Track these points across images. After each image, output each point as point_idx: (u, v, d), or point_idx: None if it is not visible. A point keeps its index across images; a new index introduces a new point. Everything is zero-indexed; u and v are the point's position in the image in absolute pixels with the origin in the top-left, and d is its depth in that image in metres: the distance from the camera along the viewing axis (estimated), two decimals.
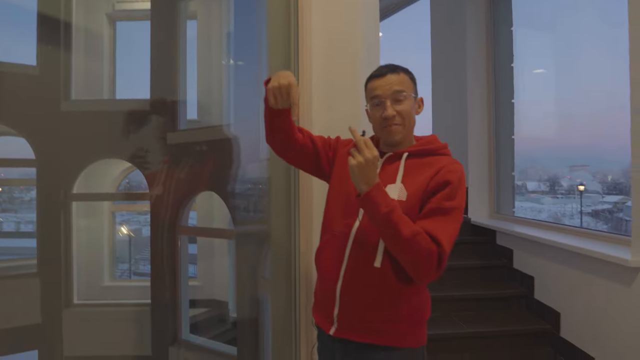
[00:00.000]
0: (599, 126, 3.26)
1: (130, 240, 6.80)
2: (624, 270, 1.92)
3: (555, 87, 3.71)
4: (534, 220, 3.00)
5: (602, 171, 6.00)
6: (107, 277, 4.10)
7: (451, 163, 1.17)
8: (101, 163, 3.59)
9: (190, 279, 3.86)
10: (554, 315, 2.45)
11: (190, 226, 3.80)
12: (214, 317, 4.01)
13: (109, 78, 3.92)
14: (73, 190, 3.37)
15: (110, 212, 4.14)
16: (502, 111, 3.42)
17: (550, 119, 3.72)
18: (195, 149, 3.39)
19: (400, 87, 1.19)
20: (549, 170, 6.27)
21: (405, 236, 1.04)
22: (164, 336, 3.36)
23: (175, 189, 3.43)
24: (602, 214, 8.17)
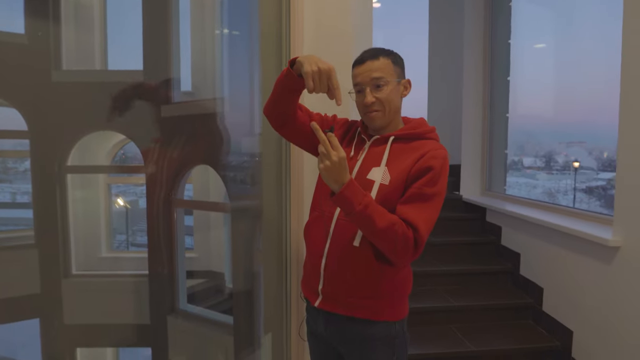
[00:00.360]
0: (596, 102, 3.26)
1: (127, 211, 6.82)
2: (604, 249, 1.98)
3: (554, 63, 3.67)
4: (524, 198, 3.05)
5: (598, 148, 6.02)
6: (105, 249, 4.14)
7: (435, 148, 1.18)
8: (95, 135, 3.56)
9: (187, 250, 3.91)
10: (538, 290, 2.54)
11: (186, 199, 3.81)
12: (211, 288, 4.08)
13: (100, 48, 3.84)
14: (67, 163, 3.36)
15: (106, 184, 4.14)
16: (497, 89, 3.40)
17: (548, 94, 3.70)
18: (190, 122, 3.36)
19: (379, 74, 1.19)
20: (545, 146, 6.27)
21: (381, 227, 1.07)
22: (162, 306, 3.44)
23: (170, 162, 3.42)
24: (596, 190, 8.26)
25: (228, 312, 3.26)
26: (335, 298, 1.23)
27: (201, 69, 3.62)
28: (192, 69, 3.61)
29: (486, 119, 3.41)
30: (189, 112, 3.42)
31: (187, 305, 3.51)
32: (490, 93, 3.41)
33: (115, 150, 4.08)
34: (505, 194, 3.29)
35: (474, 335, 2.34)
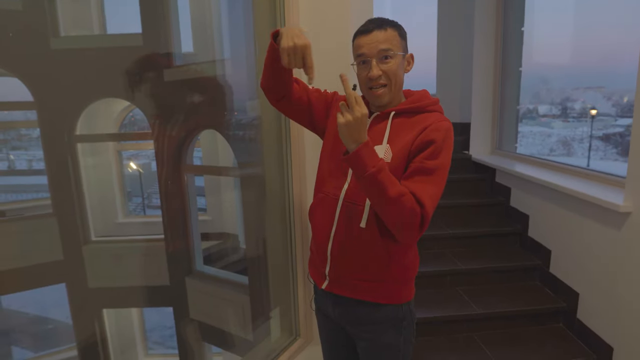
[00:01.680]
0: (615, 45, 3.09)
1: (140, 175, 6.93)
2: (614, 215, 1.93)
3: (570, 6, 3.45)
4: (534, 157, 2.95)
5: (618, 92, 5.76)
6: (121, 215, 4.24)
7: (438, 121, 1.13)
8: (101, 102, 3.54)
9: (201, 213, 3.99)
10: (545, 253, 2.52)
11: (195, 165, 3.84)
12: (226, 249, 4.20)
13: (98, 12, 3.72)
14: (76, 132, 3.38)
15: (116, 151, 4.18)
16: (510, 41, 3.20)
17: (564, 39, 3.50)
18: (194, 85, 3.30)
19: (387, 45, 1.13)
20: (561, 93, 6.03)
21: (390, 196, 1.03)
22: (180, 268, 3.57)
23: (177, 128, 3.41)
24: (613, 137, 8.05)
25: (243, 273, 3.38)
26: (342, 281, 1.23)
27: (202, 28, 3.49)
28: (192, 28, 3.49)
29: (498, 74, 3.24)
30: (192, 76, 3.35)
31: (204, 267, 3.63)
32: (503, 46, 3.22)
33: (122, 116, 4.07)
34: (516, 152, 3.21)
35: (481, 298, 2.36)
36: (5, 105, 3.44)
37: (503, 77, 3.24)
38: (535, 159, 2.94)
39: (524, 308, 2.29)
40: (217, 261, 3.97)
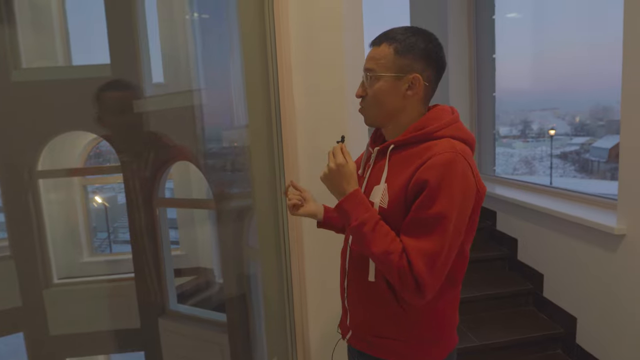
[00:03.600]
0: (568, 69, 3.28)
1: (106, 209, 6.64)
2: (609, 237, 1.97)
3: (531, 33, 3.66)
4: (515, 180, 3.04)
5: (570, 113, 6.12)
6: (87, 253, 4.01)
7: (437, 153, 0.93)
8: (66, 135, 3.38)
9: (173, 248, 3.82)
10: (538, 277, 2.54)
11: (168, 198, 3.70)
12: (200, 285, 4.03)
13: (62, 41, 3.59)
14: (38, 167, 3.19)
15: (82, 186, 3.97)
16: (483, 68, 3.34)
17: (525, 65, 3.69)
18: (165, 116, 3.21)
19: (370, 65, 1.01)
20: (521, 115, 6.34)
21: (374, 252, 0.93)
22: (152, 308, 3.36)
23: (149, 160, 3.29)
24: (570, 155, 8.50)
25: (220, 309, 3.22)
26: (361, 336, 1.11)
27: (173, 58, 3.43)
28: (162, 58, 3.42)
29: (474, 100, 3.36)
30: (163, 107, 3.27)
31: (178, 305, 3.45)
32: (477, 73, 3.35)
33: (88, 149, 3.90)
34: (495, 174, 3.29)
35: (477, 328, 2.33)
36: None
37: (479, 102, 3.35)
38: (515, 181, 3.01)
39: (523, 336, 2.28)
40: (192, 298, 3.78)
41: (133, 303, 3.34)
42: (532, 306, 2.56)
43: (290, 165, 1.56)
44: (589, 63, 2.74)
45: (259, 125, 1.25)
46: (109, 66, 3.14)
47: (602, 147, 6.49)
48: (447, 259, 0.95)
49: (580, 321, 2.20)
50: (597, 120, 5.47)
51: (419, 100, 1.04)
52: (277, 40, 1.45)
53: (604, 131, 6.00)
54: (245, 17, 1.58)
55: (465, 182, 0.93)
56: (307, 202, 1.24)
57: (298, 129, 1.45)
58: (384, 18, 5.96)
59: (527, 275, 2.61)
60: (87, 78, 3.24)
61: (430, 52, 1.01)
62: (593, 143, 7.34)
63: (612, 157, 5.49)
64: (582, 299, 2.17)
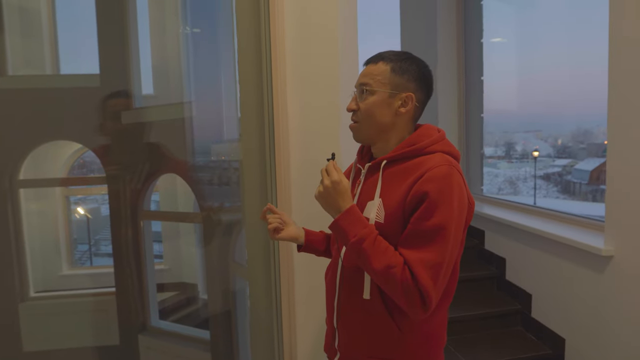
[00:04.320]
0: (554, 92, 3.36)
1: (88, 220, 6.47)
2: (596, 258, 1.98)
3: (516, 57, 3.76)
4: (504, 200, 3.07)
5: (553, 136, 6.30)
6: (66, 266, 3.89)
7: (435, 166, 0.95)
8: (50, 145, 3.31)
9: (157, 262, 3.74)
10: (526, 297, 2.54)
11: (153, 211, 3.64)
12: (183, 301, 3.94)
13: (51, 50, 3.55)
14: (19, 176, 3.11)
15: (64, 196, 3.87)
16: (472, 89, 3.41)
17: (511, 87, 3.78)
18: (153, 128, 3.18)
19: (366, 79, 1.04)
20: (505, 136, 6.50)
21: (376, 268, 0.92)
22: (132, 324, 3.26)
23: (134, 172, 3.24)
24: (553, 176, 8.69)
25: (203, 325, 3.14)
26: (352, 357, 1.08)
27: (163, 70, 3.42)
28: (153, 70, 3.41)
29: (462, 120, 3.42)
30: (152, 118, 3.23)
31: (160, 322, 3.35)
32: (466, 95, 3.42)
33: (72, 160, 3.83)
34: (483, 194, 3.32)
35: (466, 348, 2.30)
36: None
37: (467, 123, 3.41)
38: (504, 201, 3.04)
39: (511, 357, 2.26)
40: (174, 314, 3.69)
41: (113, 318, 3.23)
42: (520, 326, 2.55)
43: (282, 179, 1.55)
44: (572, 87, 2.84)
45: (252, 139, 1.25)
46: (98, 76, 3.11)
47: (584, 169, 6.63)
48: (447, 270, 0.96)
49: (568, 342, 2.20)
50: (578, 143, 5.59)
51: (409, 119, 1.07)
52: (272, 56, 1.45)
53: (585, 154, 6.13)
54: (242, 32, 1.58)
55: (460, 194, 0.96)
56: (288, 225, 1.20)
57: (291, 143, 1.45)
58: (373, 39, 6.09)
59: (515, 295, 2.61)
60: (75, 87, 3.20)
61: (423, 76, 1.06)
62: (575, 165, 7.50)
63: (593, 180, 5.61)
64: (571, 319, 2.17)
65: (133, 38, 3.13)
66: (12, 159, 3.09)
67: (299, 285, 1.63)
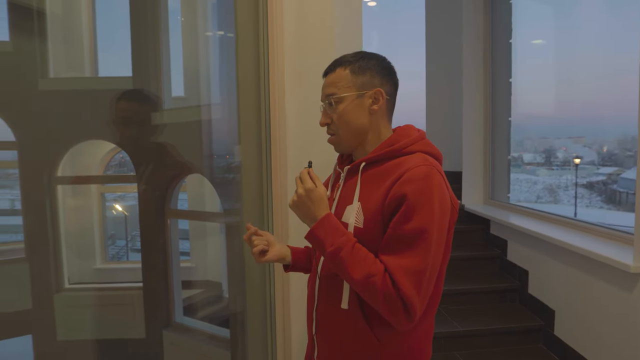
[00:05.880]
0: (595, 97, 3.18)
1: (126, 217, 6.77)
2: (625, 275, 1.84)
3: (553, 59, 3.58)
4: (529, 209, 2.91)
5: (598, 142, 5.95)
6: (99, 260, 4.07)
7: (412, 167, 0.92)
8: (86, 144, 3.47)
9: (183, 260, 3.83)
10: (549, 313, 2.40)
11: (180, 209, 3.74)
12: (208, 299, 4.02)
13: (90, 53, 3.74)
14: (57, 173, 3.28)
15: (99, 193, 4.06)
16: (499, 91, 3.27)
17: (547, 91, 3.61)
18: (181, 129, 3.28)
19: (331, 90, 1.02)
20: (545, 142, 6.23)
21: (355, 278, 0.88)
22: (158, 319, 3.36)
23: (162, 171, 3.35)
24: (597, 185, 8.22)
25: (225, 324, 3.18)
26: None
27: (193, 73, 3.52)
28: (184, 73, 3.51)
29: (488, 123, 3.28)
30: (180, 120, 3.34)
31: (184, 318, 3.43)
32: (492, 97, 3.28)
33: (107, 159, 4.00)
34: (509, 202, 3.17)
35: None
36: None
37: (493, 126, 3.27)
38: (530, 210, 2.89)
39: None
40: (198, 311, 3.77)
41: (140, 313, 3.34)
42: (542, 344, 2.41)
43: (278, 181, 1.55)
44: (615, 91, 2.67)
45: (250, 140, 1.25)
46: (130, 78, 3.24)
47: (631, 178, 6.22)
48: (432, 276, 0.91)
49: None
50: (625, 150, 5.26)
51: (382, 115, 1.04)
52: (269, 55, 1.46)
53: (632, 162, 5.75)
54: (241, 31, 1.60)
55: (441, 195, 0.92)
56: (272, 245, 1.15)
57: (288, 144, 1.45)
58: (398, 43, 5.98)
59: (538, 311, 2.46)
60: (110, 89, 3.35)
61: (384, 69, 1.03)
62: (621, 174, 7.05)
63: None
64: (595, 339, 2.02)
65: (164, 42, 3.24)
66: (51, 157, 3.27)
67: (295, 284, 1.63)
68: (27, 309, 3.18)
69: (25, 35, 3.09)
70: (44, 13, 3.19)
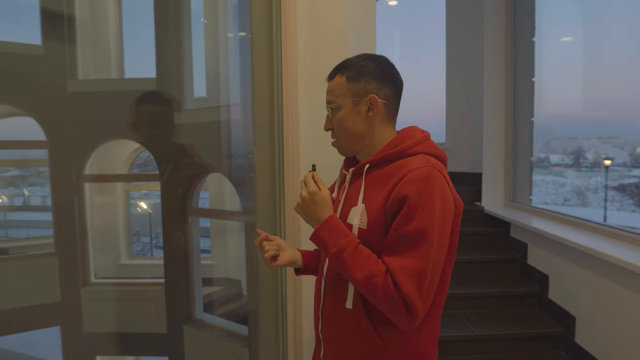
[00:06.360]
0: (628, 96, 3.06)
1: (150, 215, 6.94)
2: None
3: (581, 57, 3.46)
4: (551, 212, 2.81)
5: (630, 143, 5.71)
6: (124, 256, 4.18)
7: (415, 168, 0.91)
8: (112, 143, 3.58)
9: (204, 258, 3.90)
10: (569, 319, 2.30)
11: (201, 208, 3.81)
12: (228, 296, 4.07)
13: (117, 56, 3.85)
14: (85, 171, 3.40)
15: (124, 192, 4.18)
16: (521, 91, 3.18)
17: (575, 90, 3.49)
18: (203, 129, 3.34)
19: (330, 97, 1.04)
20: (573, 143, 6.02)
21: (357, 278, 0.89)
22: (178, 315, 3.43)
23: (184, 170, 3.42)
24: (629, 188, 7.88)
25: (244, 321, 3.22)
26: None
27: (216, 74, 3.58)
28: (206, 74, 3.57)
29: (509, 124, 3.19)
30: (202, 120, 3.40)
31: (204, 314, 3.49)
32: (514, 96, 3.19)
33: (132, 158, 4.11)
34: (531, 204, 3.08)
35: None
36: (19, 143, 3.52)
37: (515, 127, 3.18)
38: (552, 213, 2.79)
39: None
40: (218, 308, 3.83)
41: (161, 308, 3.43)
42: (562, 351, 2.32)
43: (290, 182, 1.57)
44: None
45: (264, 142, 1.28)
46: (154, 80, 3.33)
47: None
48: (434, 277, 0.91)
49: None
50: None
51: (382, 119, 1.03)
52: (282, 56, 1.48)
53: None
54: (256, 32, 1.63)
55: (443, 196, 0.91)
56: (283, 250, 1.15)
57: (300, 145, 1.46)
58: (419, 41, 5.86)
59: (558, 317, 2.37)
60: (134, 90, 3.44)
61: (381, 71, 1.02)
62: None
63: None
64: (618, 349, 1.93)
65: (187, 44, 3.32)
66: (79, 156, 3.39)
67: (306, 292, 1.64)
68: (56, 301, 3.29)
69: (56, 40, 3.21)
70: (74, 19, 3.30)
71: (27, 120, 3.17)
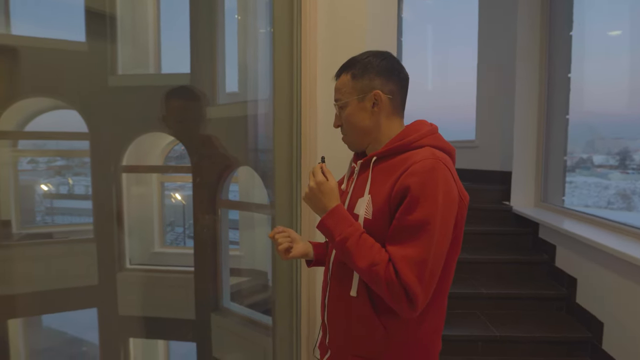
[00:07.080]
0: None
1: (184, 206, 7.18)
2: None
3: (627, 51, 3.26)
4: (584, 213, 2.68)
5: None
6: (158, 244, 4.35)
7: (420, 160, 0.93)
8: (148, 136, 3.74)
9: (232, 249, 4.01)
10: (597, 325, 2.21)
11: (230, 200, 3.90)
12: (255, 287, 4.16)
13: (154, 52, 4.01)
14: (123, 162, 3.57)
15: (159, 182, 4.34)
16: (556, 87, 3.03)
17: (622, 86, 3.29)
18: (233, 123, 3.42)
19: (337, 95, 1.08)
20: (619, 143, 5.69)
21: (360, 267, 0.93)
22: (206, 303, 3.55)
23: (215, 163, 3.51)
24: None
25: (269, 312, 3.29)
26: (341, 355, 1.07)
27: (247, 70, 3.65)
28: (239, 69, 3.65)
29: (542, 121, 3.06)
30: (233, 114, 3.48)
31: (230, 303, 3.59)
32: (548, 93, 3.05)
33: (167, 150, 4.26)
34: (563, 206, 2.95)
35: None
36: (63, 135, 3.74)
37: (548, 124, 3.05)
38: (585, 215, 2.67)
39: None
40: (245, 298, 3.92)
41: (191, 295, 3.56)
42: (587, 358, 2.23)
43: (306, 175, 1.60)
44: None
45: (283, 136, 1.32)
46: (188, 75, 3.44)
47: None
48: (435, 267, 0.92)
49: None
50: None
51: (388, 114, 1.05)
52: (302, 50, 1.51)
53: None
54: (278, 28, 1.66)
55: (446, 188, 0.93)
56: (296, 242, 1.19)
57: (318, 140, 1.49)
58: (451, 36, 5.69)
59: (585, 322, 2.27)
60: (169, 85, 3.57)
61: (385, 67, 1.04)
62: None
63: None
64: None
65: (220, 40, 3.40)
66: (117, 147, 3.56)
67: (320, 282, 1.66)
68: (93, 284, 3.47)
69: (99, 37, 3.37)
70: (115, 17, 3.46)
71: (71, 113, 3.36)
